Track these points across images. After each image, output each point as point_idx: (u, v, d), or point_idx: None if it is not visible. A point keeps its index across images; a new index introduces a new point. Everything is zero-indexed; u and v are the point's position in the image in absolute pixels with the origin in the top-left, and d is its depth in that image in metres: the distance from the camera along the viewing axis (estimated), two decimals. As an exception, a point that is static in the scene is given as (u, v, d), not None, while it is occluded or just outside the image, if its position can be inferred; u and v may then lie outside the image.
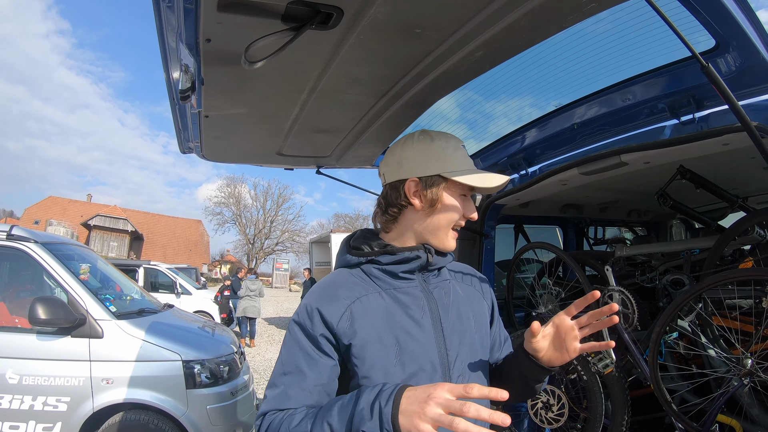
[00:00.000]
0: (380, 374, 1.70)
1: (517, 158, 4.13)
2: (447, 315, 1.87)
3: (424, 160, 1.89)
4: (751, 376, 3.06)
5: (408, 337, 1.76)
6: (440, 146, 1.92)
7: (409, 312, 1.81)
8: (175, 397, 5.50)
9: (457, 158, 1.91)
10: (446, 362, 1.79)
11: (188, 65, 2.26)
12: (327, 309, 1.76)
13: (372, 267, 1.90)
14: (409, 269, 1.87)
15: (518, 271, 5.26)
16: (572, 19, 2.14)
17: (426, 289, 1.89)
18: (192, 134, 3.46)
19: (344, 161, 4.02)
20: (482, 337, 1.99)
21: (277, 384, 1.75)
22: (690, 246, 4.17)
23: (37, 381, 5.15)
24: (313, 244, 29.04)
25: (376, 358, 1.72)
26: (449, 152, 1.91)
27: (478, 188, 1.91)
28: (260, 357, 15.60)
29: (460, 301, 1.96)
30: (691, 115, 2.94)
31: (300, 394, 1.71)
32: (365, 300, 1.81)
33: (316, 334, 1.75)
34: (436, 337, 1.80)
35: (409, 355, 1.74)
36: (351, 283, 1.86)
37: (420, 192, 1.89)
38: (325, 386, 1.75)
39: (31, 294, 5.81)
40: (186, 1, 1.77)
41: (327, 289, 1.85)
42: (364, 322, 1.75)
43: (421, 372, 1.73)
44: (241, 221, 74.51)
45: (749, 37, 2.36)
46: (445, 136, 1.96)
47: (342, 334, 1.74)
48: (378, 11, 1.91)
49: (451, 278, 2.04)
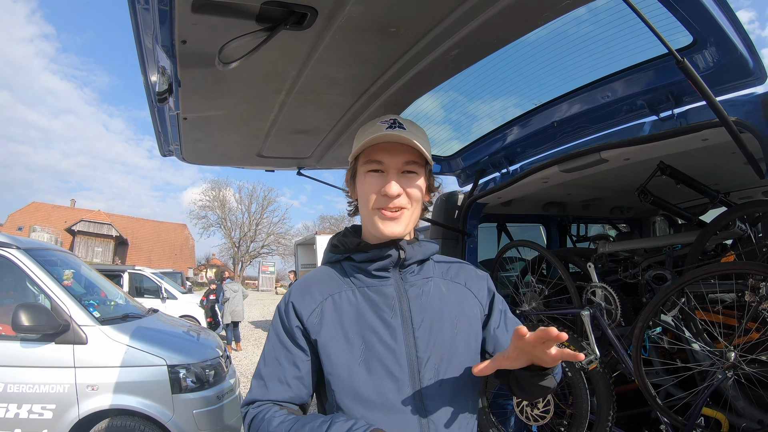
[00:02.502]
0: (344, 372, 1.70)
1: (498, 157, 4.14)
2: (421, 315, 1.81)
3: (353, 148, 1.92)
4: (734, 369, 3.08)
5: (374, 337, 1.74)
6: (363, 128, 1.95)
7: (379, 312, 1.79)
8: (161, 402, 5.47)
9: (366, 136, 1.84)
10: (415, 364, 1.74)
11: (165, 67, 2.26)
12: (300, 303, 1.79)
13: (348, 264, 1.91)
14: (382, 266, 1.84)
15: (502, 270, 5.26)
16: (547, 17, 2.15)
17: (401, 288, 1.85)
18: (172, 137, 3.45)
19: (325, 162, 4.02)
20: (466, 339, 1.89)
21: (260, 375, 1.79)
22: (672, 241, 4.20)
23: (22, 389, 5.10)
24: (298, 247, 29.03)
25: (340, 356, 1.72)
26: (367, 133, 1.86)
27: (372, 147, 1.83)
28: (247, 360, 15.55)
29: (440, 300, 1.89)
30: (670, 111, 2.96)
31: (278, 387, 1.75)
32: (337, 297, 1.82)
33: (291, 327, 1.78)
34: (406, 339, 1.76)
35: (375, 356, 1.72)
36: (328, 280, 1.88)
37: (349, 180, 1.98)
38: (301, 379, 1.78)
39: (14, 301, 5.73)
40: (161, 3, 1.77)
41: (304, 284, 1.88)
42: (333, 319, 1.77)
43: (385, 373, 1.71)
44: (226, 224, 74.13)
45: (726, 33, 2.38)
46: (377, 119, 1.91)
47: (311, 329, 1.76)
48: (352, 10, 1.91)
49: (435, 275, 1.98)
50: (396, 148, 1.80)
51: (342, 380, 1.69)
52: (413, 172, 1.84)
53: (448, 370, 1.79)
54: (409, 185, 1.82)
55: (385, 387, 1.69)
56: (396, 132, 1.79)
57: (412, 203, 1.84)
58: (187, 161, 3.94)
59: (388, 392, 1.69)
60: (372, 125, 1.88)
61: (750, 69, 2.60)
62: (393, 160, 1.80)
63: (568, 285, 4.22)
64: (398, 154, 1.80)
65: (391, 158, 1.80)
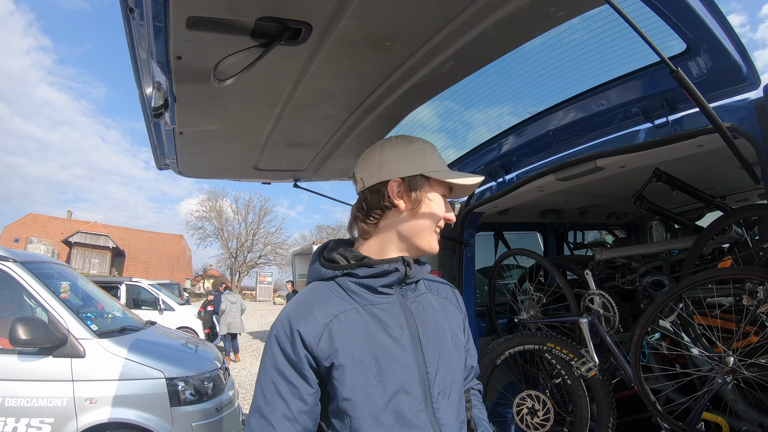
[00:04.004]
0: (361, 396, 1.66)
1: (493, 166, 4.14)
2: (425, 331, 1.83)
3: (405, 162, 1.88)
4: (734, 373, 3.08)
5: (387, 356, 1.72)
6: (419, 147, 1.93)
7: (388, 330, 1.76)
8: (160, 415, 5.44)
9: (435, 159, 1.92)
10: (426, 380, 1.75)
11: (160, 82, 2.26)
12: (305, 330, 1.70)
13: (348, 280, 1.84)
14: (388, 283, 1.82)
15: (499, 278, 5.26)
16: (540, 29, 2.16)
17: (404, 304, 1.85)
18: (168, 150, 3.44)
19: (321, 174, 4.02)
20: (459, 351, 1.96)
21: (260, 413, 1.70)
22: (669, 247, 4.20)
23: (20, 402, 5.07)
24: (295, 257, 28.95)
25: (356, 380, 1.67)
26: (428, 153, 1.92)
27: (457, 185, 1.93)
28: (245, 371, 15.47)
29: (437, 315, 1.93)
30: (664, 118, 2.97)
31: (284, 423, 1.67)
32: (343, 317, 1.75)
33: (298, 357, 1.69)
34: (416, 355, 1.76)
35: (390, 375, 1.70)
36: (327, 299, 1.80)
37: (403, 192, 1.87)
38: (308, 412, 1.72)
39: (11, 314, 5.71)
40: (155, 19, 1.77)
41: (303, 307, 1.78)
42: (343, 342, 1.70)
43: (402, 392, 1.70)
44: (223, 235, 74.06)
45: (719, 39, 2.39)
46: (421, 140, 1.98)
47: (321, 355, 1.68)
48: (346, 25, 1.92)
49: (427, 291, 2.01)
50: None
51: (360, 404, 1.65)
52: None
53: (452, 382, 1.83)
54: None
55: (402, 406, 1.68)
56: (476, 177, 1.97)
57: None
58: (183, 175, 3.93)
59: (405, 410, 1.68)
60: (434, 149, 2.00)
61: (743, 75, 2.61)
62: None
63: (566, 293, 4.22)
64: None
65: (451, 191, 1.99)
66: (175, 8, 1.72)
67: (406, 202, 1.87)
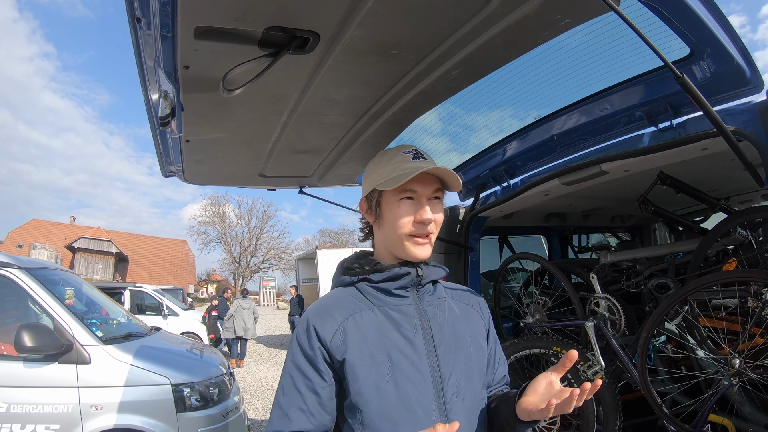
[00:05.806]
0: (372, 391, 1.72)
1: (498, 171, 4.15)
2: (440, 333, 1.87)
3: (368, 179, 2.00)
4: (740, 375, 3.08)
5: (400, 355, 1.77)
6: (376, 161, 2.00)
7: (402, 329, 1.82)
8: (166, 422, 5.44)
9: (391, 166, 1.91)
10: (439, 380, 1.79)
11: (167, 91, 2.26)
12: (321, 326, 1.79)
13: (365, 285, 1.92)
14: (402, 285, 1.89)
15: (504, 282, 5.26)
16: (546, 36, 2.17)
17: (420, 306, 1.91)
18: (173, 158, 3.45)
19: (326, 180, 4.02)
20: (479, 355, 1.98)
21: (279, 405, 1.79)
22: (673, 250, 4.20)
23: (26, 409, 5.06)
24: (299, 261, 28.78)
25: (368, 375, 1.73)
26: (383, 164, 1.94)
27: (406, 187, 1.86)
28: (250, 377, 15.45)
29: (455, 319, 1.97)
30: (668, 122, 2.98)
31: (300, 416, 1.75)
32: (358, 317, 1.83)
33: (314, 351, 1.78)
34: (428, 355, 1.81)
35: (401, 373, 1.75)
36: (345, 301, 1.89)
37: (369, 209, 2.00)
38: (324, 406, 1.78)
39: (16, 321, 5.70)
40: (163, 29, 1.78)
41: (321, 307, 1.89)
42: (357, 338, 1.78)
43: (413, 389, 1.74)
44: (226, 240, 74.03)
45: (722, 43, 2.40)
46: (388, 150, 2.01)
47: (335, 350, 1.76)
48: (354, 34, 1.93)
49: (447, 296, 2.06)
50: (427, 178, 1.88)
51: (371, 399, 1.71)
52: (438, 198, 1.94)
53: (467, 385, 1.86)
54: (436, 211, 1.91)
55: (413, 403, 1.73)
56: (428, 163, 1.90)
57: (437, 228, 1.94)
58: (189, 182, 3.94)
59: (417, 408, 1.72)
60: (395, 155, 1.94)
61: (747, 78, 2.62)
62: (425, 189, 1.89)
63: (572, 296, 4.22)
64: (429, 184, 1.89)
65: (423, 188, 1.88)
66: (183, 18, 1.72)
67: (372, 217, 1.99)
